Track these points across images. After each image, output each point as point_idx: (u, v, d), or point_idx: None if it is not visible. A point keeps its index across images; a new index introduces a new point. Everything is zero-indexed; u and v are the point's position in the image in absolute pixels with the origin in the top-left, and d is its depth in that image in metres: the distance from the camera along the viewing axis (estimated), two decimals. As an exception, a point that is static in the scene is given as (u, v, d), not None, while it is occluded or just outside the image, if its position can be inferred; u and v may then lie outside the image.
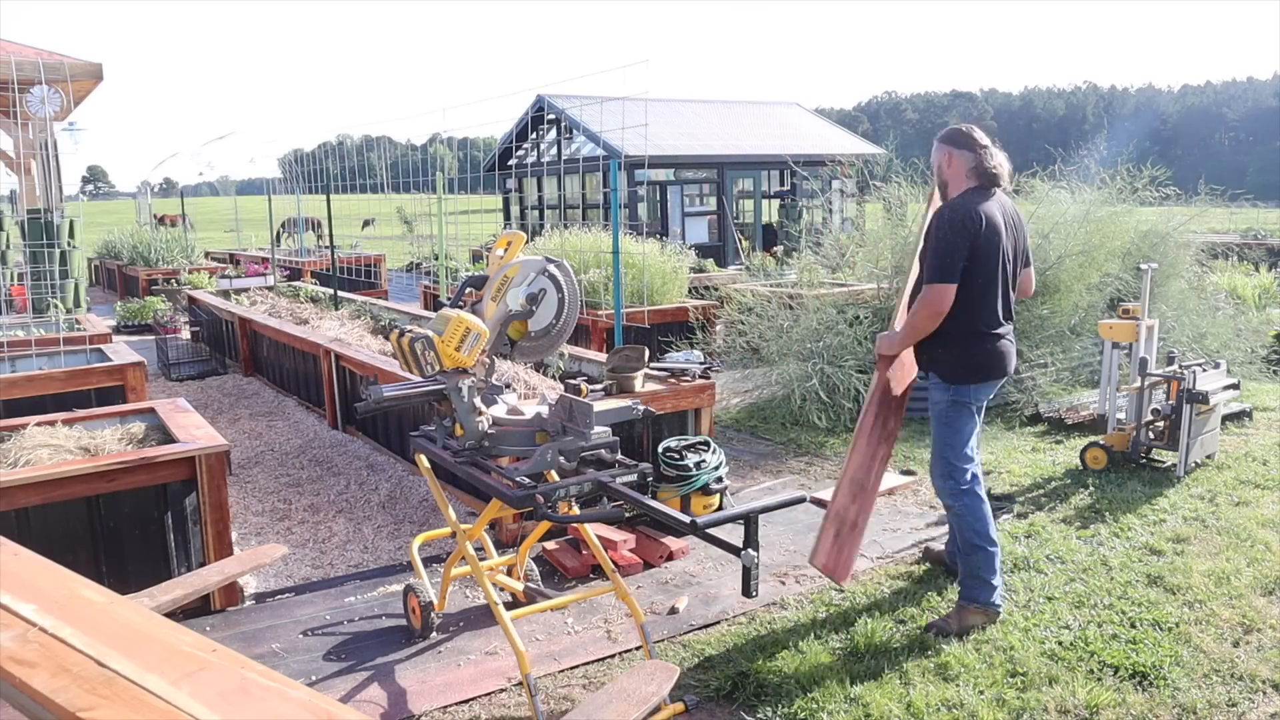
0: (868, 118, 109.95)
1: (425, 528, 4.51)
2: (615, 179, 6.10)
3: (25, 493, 3.33)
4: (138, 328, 11.47)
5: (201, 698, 1.45)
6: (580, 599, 3.60)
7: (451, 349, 2.81)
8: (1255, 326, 8.42)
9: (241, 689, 1.48)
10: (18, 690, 1.48)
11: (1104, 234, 7.30)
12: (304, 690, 1.50)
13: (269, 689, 1.48)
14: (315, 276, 13.49)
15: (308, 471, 5.62)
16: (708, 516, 2.33)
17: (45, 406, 4.77)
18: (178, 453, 3.61)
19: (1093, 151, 9.17)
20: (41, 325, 6.74)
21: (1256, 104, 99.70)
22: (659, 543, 4.14)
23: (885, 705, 2.93)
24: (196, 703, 1.43)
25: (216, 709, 1.42)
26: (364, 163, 12.25)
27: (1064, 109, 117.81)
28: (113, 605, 1.78)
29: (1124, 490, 4.93)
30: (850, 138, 22.55)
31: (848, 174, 16.63)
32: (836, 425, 6.25)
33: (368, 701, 3.05)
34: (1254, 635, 3.38)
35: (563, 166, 18.84)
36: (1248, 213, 16.16)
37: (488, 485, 2.72)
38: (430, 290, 11.38)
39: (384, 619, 3.63)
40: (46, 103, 7.74)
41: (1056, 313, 7.30)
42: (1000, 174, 3.39)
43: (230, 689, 1.48)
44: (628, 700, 2.46)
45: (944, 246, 3.26)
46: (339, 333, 7.17)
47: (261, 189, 18.06)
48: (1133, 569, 3.94)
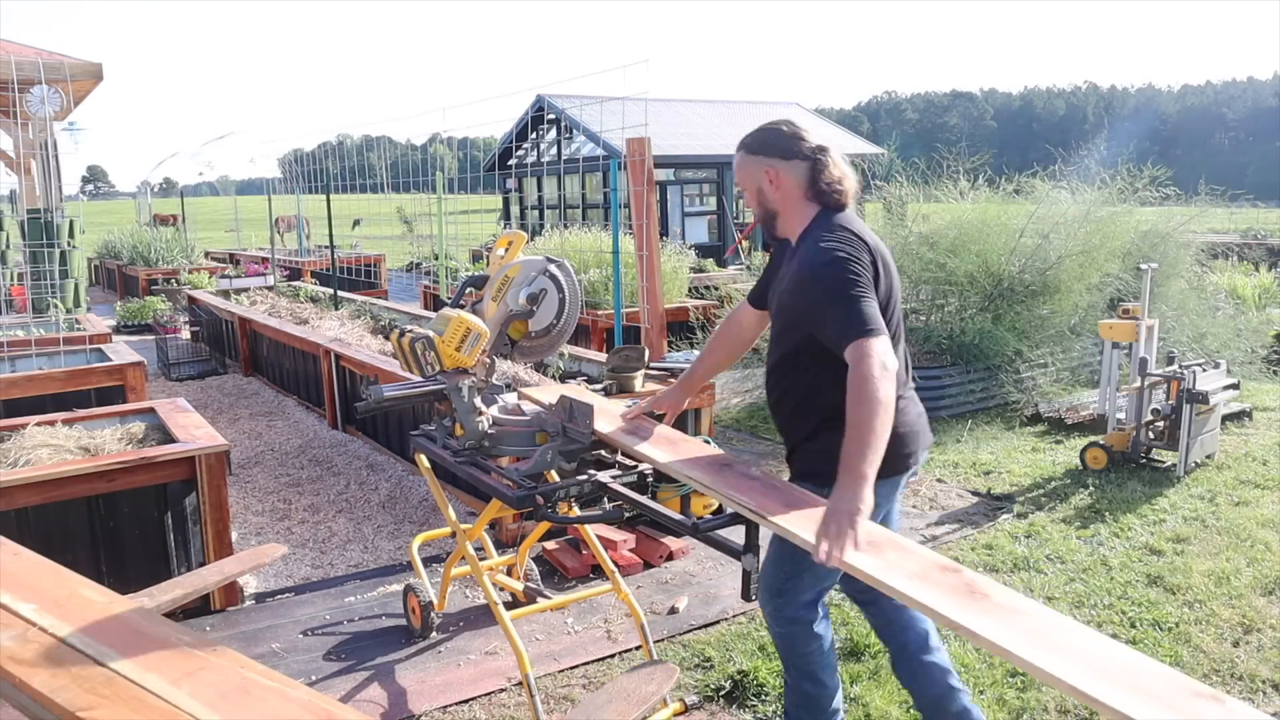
0: (868, 118, 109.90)
1: (425, 528, 4.51)
2: (615, 179, 6.10)
3: (25, 493, 3.33)
4: (138, 328, 11.47)
5: (201, 697, 1.45)
6: (580, 599, 3.60)
7: (452, 349, 2.81)
8: (1255, 326, 8.42)
9: (241, 689, 1.48)
10: (18, 690, 1.48)
11: (1104, 234, 7.30)
12: (304, 690, 1.50)
13: (269, 689, 1.49)
14: (315, 276, 13.49)
15: (308, 471, 5.62)
16: (708, 519, 2.32)
17: (45, 406, 4.77)
18: (178, 453, 3.61)
19: (1093, 151, 9.18)
20: (41, 325, 6.74)
21: (1256, 104, 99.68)
22: (659, 543, 4.14)
23: (885, 705, 2.93)
24: (196, 702, 1.43)
25: (216, 708, 1.42)
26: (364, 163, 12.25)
27: (1064, 109, 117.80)
28: (113, 605, 1.78)
29: (1124, 490, 4.93)
30: (850, 138, 22.56)
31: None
32: (836, 425, 6.24)
33: (368, 701, 3.05)
34: (1254, 635, 3.38)
35: (563, 166, 18.85)
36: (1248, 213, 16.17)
37: (488, 485, 2.71)
38: (430, 290, 11.38)
39: (384, 619, 3.63)
40: (46, 103, 7.73)
41: (1056, 313, 7.31)
42: (846, 190, 2.35)
43: (230, 689, 1.48)
44: (628, 700, 2.47)
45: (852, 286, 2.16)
46: (339, 333, 7.17)
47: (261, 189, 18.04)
48: (1133, 569, 3.94)
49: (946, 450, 5.85)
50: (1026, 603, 1.72)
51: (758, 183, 2.39)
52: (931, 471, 5.41)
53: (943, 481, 5.25)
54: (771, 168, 2.36)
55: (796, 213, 2.38)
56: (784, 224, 2.41)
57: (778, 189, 2.37)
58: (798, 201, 2.37)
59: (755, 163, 2.38)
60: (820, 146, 2.37)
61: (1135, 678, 1.49)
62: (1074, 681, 1.46)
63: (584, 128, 18.21)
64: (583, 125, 18.15)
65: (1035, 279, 7.18)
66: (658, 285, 5.52)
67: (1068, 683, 1.47)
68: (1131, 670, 1.51)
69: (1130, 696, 1.43)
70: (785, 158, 2.35)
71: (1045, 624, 1.64)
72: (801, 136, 2.36)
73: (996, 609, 1.68)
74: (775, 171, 2.35)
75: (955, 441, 6.06)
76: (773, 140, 2.37)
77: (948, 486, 5.15)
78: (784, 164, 2.34)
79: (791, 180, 2.35)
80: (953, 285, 7.16)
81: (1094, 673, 1.49)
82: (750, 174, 2.40)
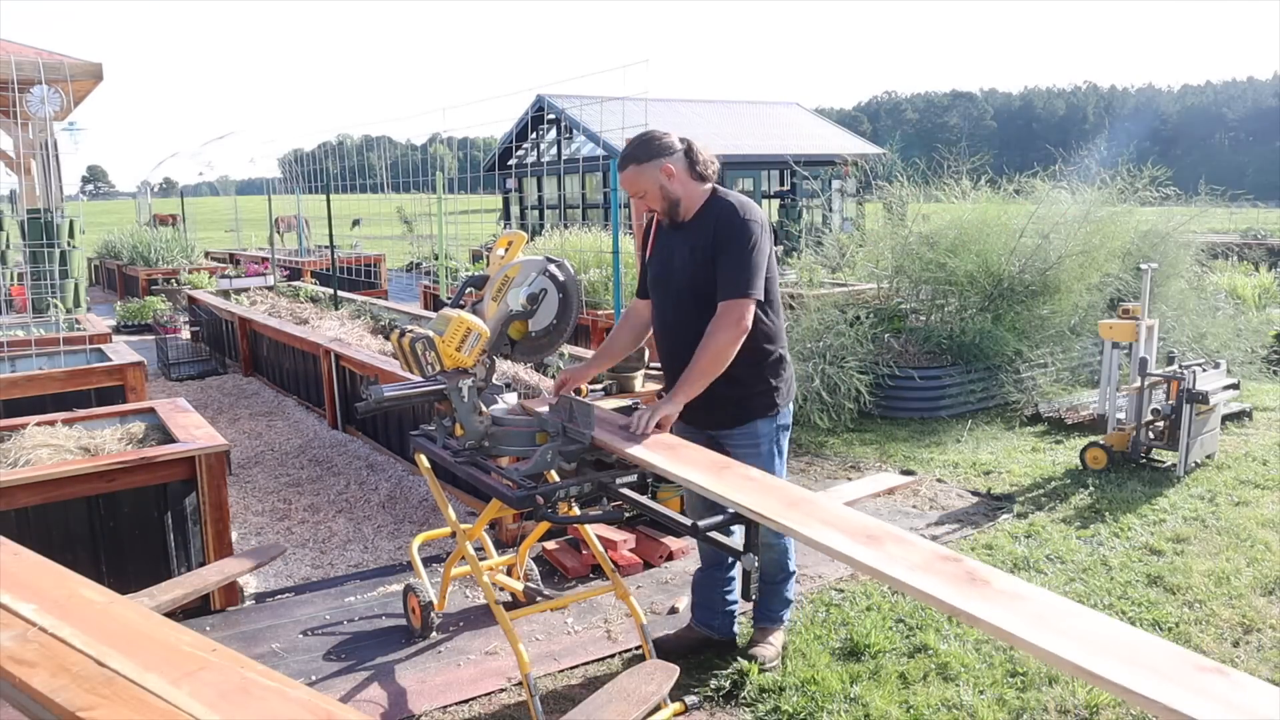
0: (868, 118, 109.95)
1: (425, 527, 4.51)
2: (615, 179, 6.09)
3: (25, 493, 3.33)
4: (138, 328, 11.47)
5: (201, 697, 1.45)
6: (580, 599, 3.60)
7: (452, 349, 2.81)
8: (1255, 326, 8.43)
9: (241, 689, 1.48)
10: (18, 690, 1.48)
11: (1104, 234, 7.30)
12: (304, 690, 1.50)
13: (269, 689, 1.49)
14: (315, 276, 13.48)
15: (308, 471, 5.62)
16: (708, 520, 2.33)
17: (45, 406, 4.77)
18: (178, 452, 3.61)
19: (1093, 151, 9.18)
20: (41, 325, 6.74)
21: (1256, 104, 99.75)
22: (659, 542, 4.14)
23: (885, 705, 2.93)
24: (196, 702, 1.43)
25: (216, 709, 1.42)
26: (364, 163, 12.24)
27: (1064, 109, 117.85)
28: (113, 605, 1.78)
29: (1124, 490, 4.93)
30: (850, 138, 22.58)
31: (849, 173, 16.64)
32: (837, 425, 6.25)
33: (368, 701, 3.05)
34: (1254, 635, 3.38)
35: (563, 166, 18.86)
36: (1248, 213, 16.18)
37: (488, 485, 2.71)
38: (430, 290, 11.38)
39: (384, 619, 3.63)
40: (46, 103, 7.73)
41: (1056, 313, 7.31)
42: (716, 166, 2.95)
43: (230, 689, 1.48)
44: (628, 700, 2.46)
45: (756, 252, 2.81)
46: (339, 333, 7.17)
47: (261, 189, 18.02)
48: (1133, 569, 3.94)
49: (946, 450, 5.86)
50: (1028, 588, 1.73)
51: (658, 182, 2.87)
52: (931, 471, 5.41)
53: (943, 481, 5.25)
54: (665, 165, 2.86)
55: (691, 194, 2.91)
56: (685, 207, 2.92)
57: (674, 179, 2.88)
58: (689, 184, 2.90)
59: (650, 167, 2.86)
60: (683, 138, 2.91)
61: (1138, 654, 1.50)
62: (1077, 660, 1.47)
63: (584, 128, 18.22)
64: (583, 125, 18.16)
65: (1035, 279, 7.18)
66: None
67: (1071, 661, 1.48)
68: (1134, 647, 1.52)
69: (1134, 671, 1.44)
70: (669, 154, 2.87)
71: (1047, 608, 1.66)
72: (667, 136, 2.90)
73: (999, 595, 1.69)
74: (669, 167, 2.86)
75: (955, 441, 6.07)
76: (654, 146, 2.88)
77: (948, 486, 5.16)
78: (671, 158, 2.86)
79: (680, 169, 2.88)
80: (953, 285, 7.16)
81: (1097, 651, 1.50)
82: (649, 178, 2.87)
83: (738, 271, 2.79)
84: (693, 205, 2.93)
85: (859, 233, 9.52)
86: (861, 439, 6.13)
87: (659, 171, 2.86)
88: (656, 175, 2.86)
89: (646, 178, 2.87)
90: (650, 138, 2.89)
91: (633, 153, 2.89)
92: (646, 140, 2.89)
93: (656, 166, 2.86)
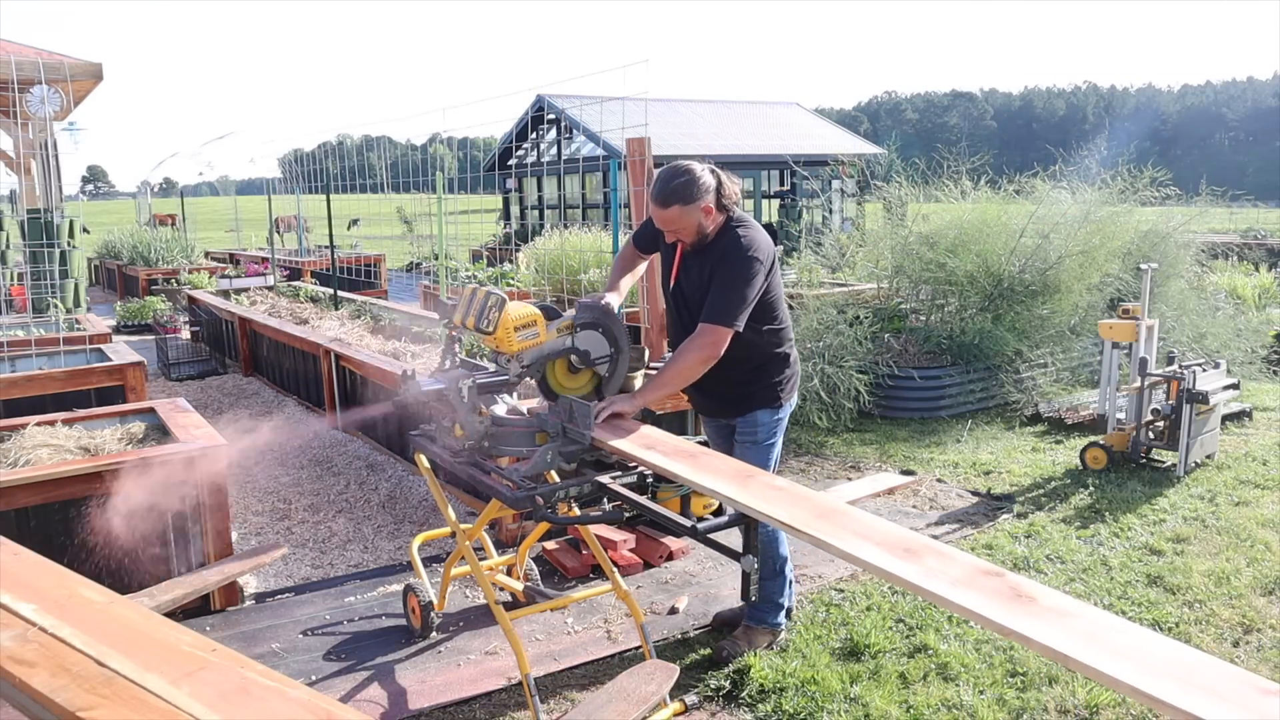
0: (868, 118, 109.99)
1: (425, 527, 4.51)
2: (615, 179, 6.09)
3: (25, 493, 3.33)
4: (138, 328, 11.47)
5: (201, 697, 1.45)
6: (580, 599, 3.60)
7: (512, 326, 2.76)
8: (1255, 326, 8.43)
9: (241, 689, 1.48)
10: (18, 690, 1.48)
11: (1104, 234, 7.30)
12: (304, 690, 1.50)
13: (269, 689, 1.49)
14: (315, 276, 13.48)
15: (308, 471, 5.62)
16: (708, 521, 2.33)
17: (45, 406, 4.77)
18: (178, 452, 3.61)
19: (1093, 151, 9.17)
20: (41, 325, 6.74)
21: (1256, 104, 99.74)
22: (659, 543, 4.14)
23: (885, 705, 2.93)
24: (196, 702, 1.43)
25: (216, 708, 1.42)
26: (364, 163, 12.22)
27: (1064, 109, 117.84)
28: (113, 605, 1.78)
29: (1124, 490, 4.93)
30: (850, 137, 22.58)
31: (849, 173, 16.63)
32: (837, 425, 6.25)
33: (368, 701, 3.05)
34: (1254, 635, 3.38)
35: (562, 166, 18.85)
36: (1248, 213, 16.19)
37: (487, 486, 2.71)
38: (430, 290, 11.37)
39: (384, 619, 3.63)
40: (46, 103, 7.73)
41: (1056, 313, 7.31)
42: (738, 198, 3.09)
43: (230, 689, 1.48)
44: (628, 700, 2.47)
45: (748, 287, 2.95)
46: (339, 332, 7.17)
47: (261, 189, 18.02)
48: (1133, 569, 3.95)
49: (946, 450, 5.86)
50: (1075, 604, 1.68)
51: (698, 220, 2.97)
52: (931, 471, 5.41)
53: (943, 481, 5.25)
54: (707, 205, 2.96)
55: (715, 224, 3.03)
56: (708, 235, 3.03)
57: (709, 216, 2.99)
58: (716, 216, 3.02)
59: (694, 209, 2.95)
60: (713, 170, 3.01)
61: (1197, 676, 1.45)
62: (1137, 684, 1.42)
63: (584, 128, 18.22)
64: (583, 125, 18.16)
65: (1035, 279, 7.18)
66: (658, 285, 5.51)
67: (1131, 685, 1.42)
68: (1193, 669, 1.47)
69: (1196, 695, 1.39)
70: (709, 194, 2.96)
71: (1097, 625, 1.61)
72: (704, 174, 2.96)
73: (1046, 612, 1.65)
74: (708, 206, 2.97)
75: (955, 441, 6.07)
76: (698, 188, 2.94)
77: (948, 486, 5.16)
78: (709, 197, 2.97)
79: (712, 203, 2.99)
80: (953, 285, 7.16)
81: (1156, 673, 1.45)
82: (692, 218, 2.96)
83: (725, 300, 2.92)
84: (712, 233, 3.05)
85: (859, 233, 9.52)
86: (861, 439, 6.13)
87: (700, 210, 2.95)
88: (698, 214, 2.96)
89: (690, 218, 2.96)
90: (692, 179, 2.93)
91: (678, 192, 2.93)
92: (690, 180, 2.93)
93: (699, 207, 2.94)
